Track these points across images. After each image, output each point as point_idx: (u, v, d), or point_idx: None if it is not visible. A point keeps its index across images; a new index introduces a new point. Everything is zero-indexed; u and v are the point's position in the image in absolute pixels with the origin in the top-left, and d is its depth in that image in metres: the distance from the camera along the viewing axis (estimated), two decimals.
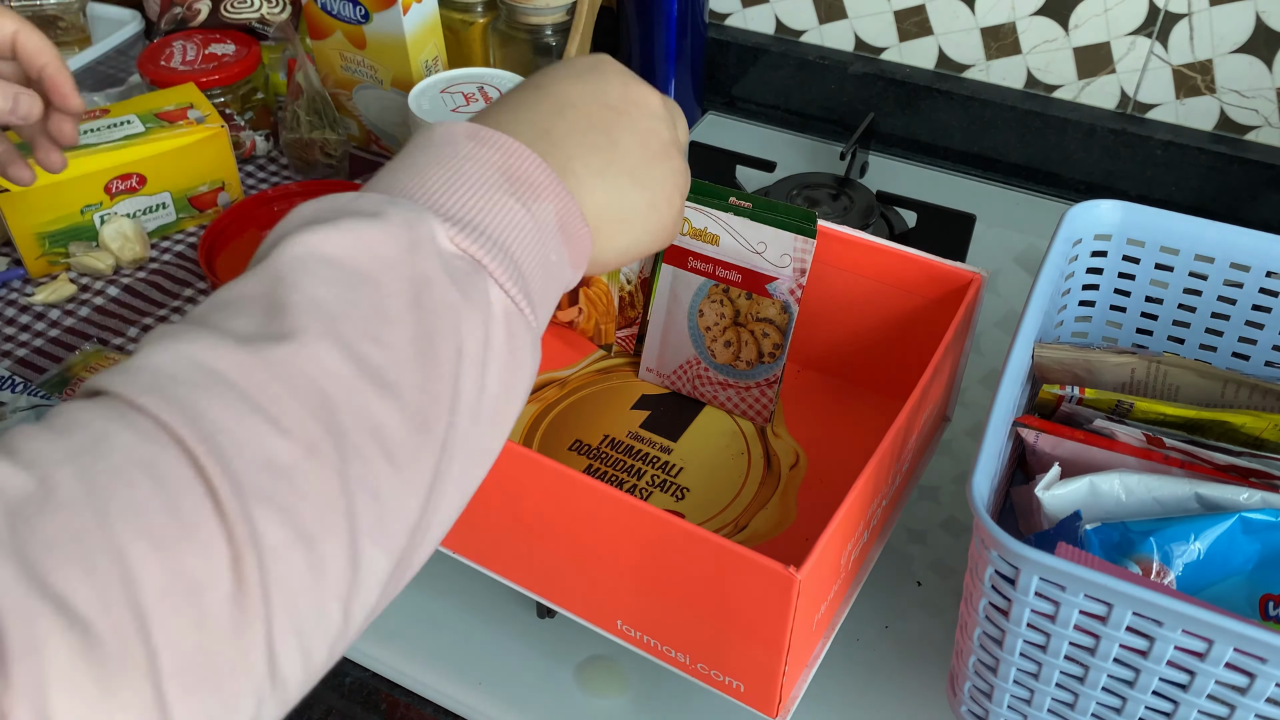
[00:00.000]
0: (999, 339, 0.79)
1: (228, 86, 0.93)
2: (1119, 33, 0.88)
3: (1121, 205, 0.60)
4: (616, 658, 0.59)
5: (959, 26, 0.94)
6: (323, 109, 0.91)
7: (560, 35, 0.94)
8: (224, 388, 0.31)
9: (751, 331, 0.67)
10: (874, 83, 0.98)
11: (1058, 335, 0.64)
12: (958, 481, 0.69)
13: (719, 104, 1.06)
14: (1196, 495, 0.49)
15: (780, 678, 0.49)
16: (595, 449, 0.67)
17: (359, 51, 0.91)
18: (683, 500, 0.64)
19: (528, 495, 0.52)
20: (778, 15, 1.01)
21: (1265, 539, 0.47)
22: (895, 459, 0.54)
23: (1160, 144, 0.90)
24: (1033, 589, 0.43)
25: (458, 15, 0.96)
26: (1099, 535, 0.48)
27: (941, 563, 0.64)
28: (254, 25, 1.03)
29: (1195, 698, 0.42)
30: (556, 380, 0.72)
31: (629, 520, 0.49)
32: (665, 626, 0.52)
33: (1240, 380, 0.56)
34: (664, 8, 0.94)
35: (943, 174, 0.97)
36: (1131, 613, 0.41)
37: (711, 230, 0.66)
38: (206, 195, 0.88)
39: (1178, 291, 0.61)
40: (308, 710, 0.57)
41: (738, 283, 0.67)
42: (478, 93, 0.79)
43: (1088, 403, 0.56)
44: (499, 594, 0.61)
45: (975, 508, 0.44)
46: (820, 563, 0.46)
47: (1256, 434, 0.53)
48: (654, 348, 0.71)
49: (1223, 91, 0.88)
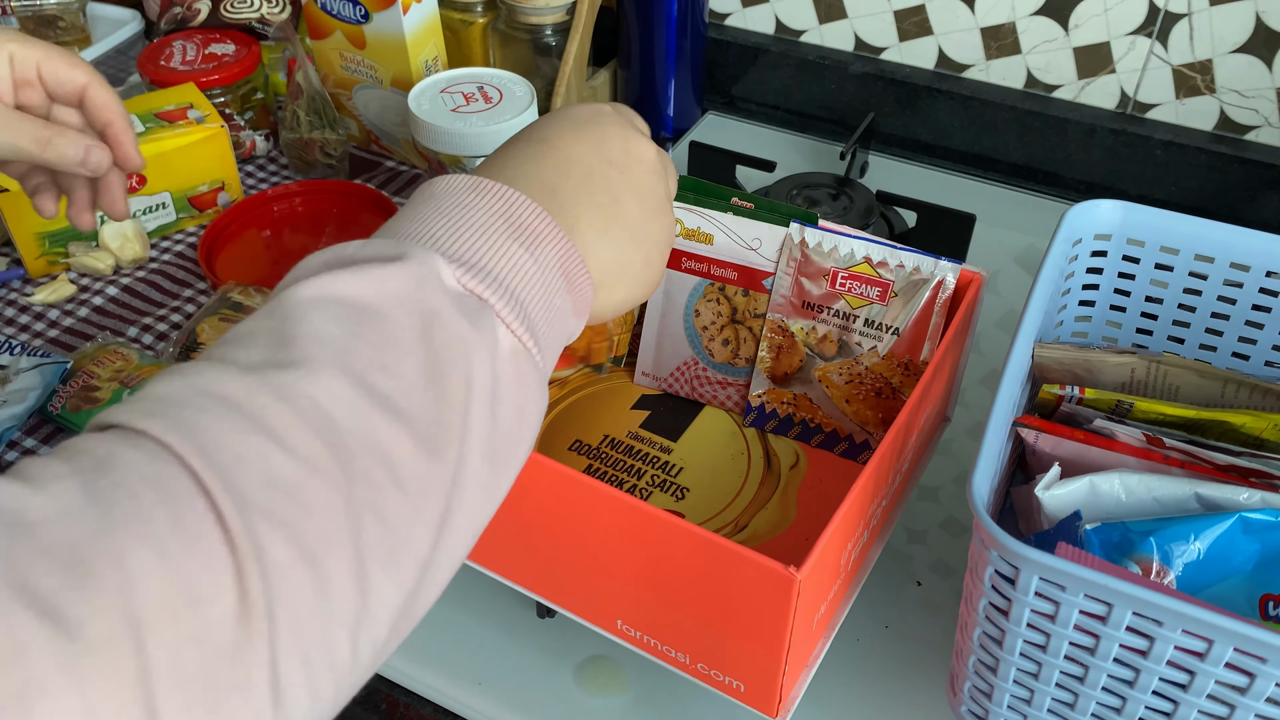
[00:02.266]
0: (999, 339, 0.79)
1: (228, 86, 0.93)
2: (1119, 32, 0.88)
3: (1121, 205, 0.60)
4: (616, 658, 0.59)
5: (959, 26, 0.94)
6: (322, 109, 0.91)
7: (560, 35, 0.94)
8: (226, 409, 0.31)
9: (750, 328, 0.67)
10: (874, 83, 0.98)
11: (1058, 335, 0.64)
12: (958, 481, 0.69)
13: (719, 104, 1.06)
14: (1196, 495, 0.49)
15: (780, 678, 0.49)
16: (595, 449, 0.67)
17: (359, 51, 0.91)
18: (683, 500, 0.64)
19: (528, 495, 0.52)
20: (778, 15, 1.01)
21: (1265, 539, 0.47)
22: (895, 459, 0.54)
23: (1160, 144, 0.90)
24: (1033, 589, 0.43)
25: (458, 15, 0.96)
26: (1099, 535, 0.48)
27: (941, 563, 0.64)
28: (254, 25, 1.03)
29: (1195, 698, 0.42)
30: (556, 380, 0.72)
31: (629, 520, 0.49)
32: (665, 626, 0.52)
33: (1240, 380, 0.56)
34: (664, 8, 0.94)
35: (943, 174, 0.97)
36: (1131, 613, 0.41)
37: (705, 230, 0.66)
38: (206, 195, 0.88)
39: (1178, 291, 0.61)
40: None
41: (734, 280, 0.67)
42: (478, 93, 0.79)
43: (1088, 403, 0.56)
44: (499, 594, 0.61)
45: (975, 508, 0.44)
46: (820, 563, 0.47)
47: (1256, 434, 0.53)
48: (649, 352, 0.71)
49: (1223, 91, 0.88)
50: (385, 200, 0.87)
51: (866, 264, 0.63)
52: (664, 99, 1.00)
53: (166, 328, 0.79)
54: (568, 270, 0.43)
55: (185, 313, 0.81)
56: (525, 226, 0.41)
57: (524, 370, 0.39)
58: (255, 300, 0.73)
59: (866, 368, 0.64)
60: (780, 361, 0.67)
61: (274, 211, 0.88)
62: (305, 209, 0.89)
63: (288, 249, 0.85)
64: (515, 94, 0.79)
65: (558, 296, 0.42)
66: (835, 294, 0.64)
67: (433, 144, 0.76)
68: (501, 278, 0.39)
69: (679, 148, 1.00)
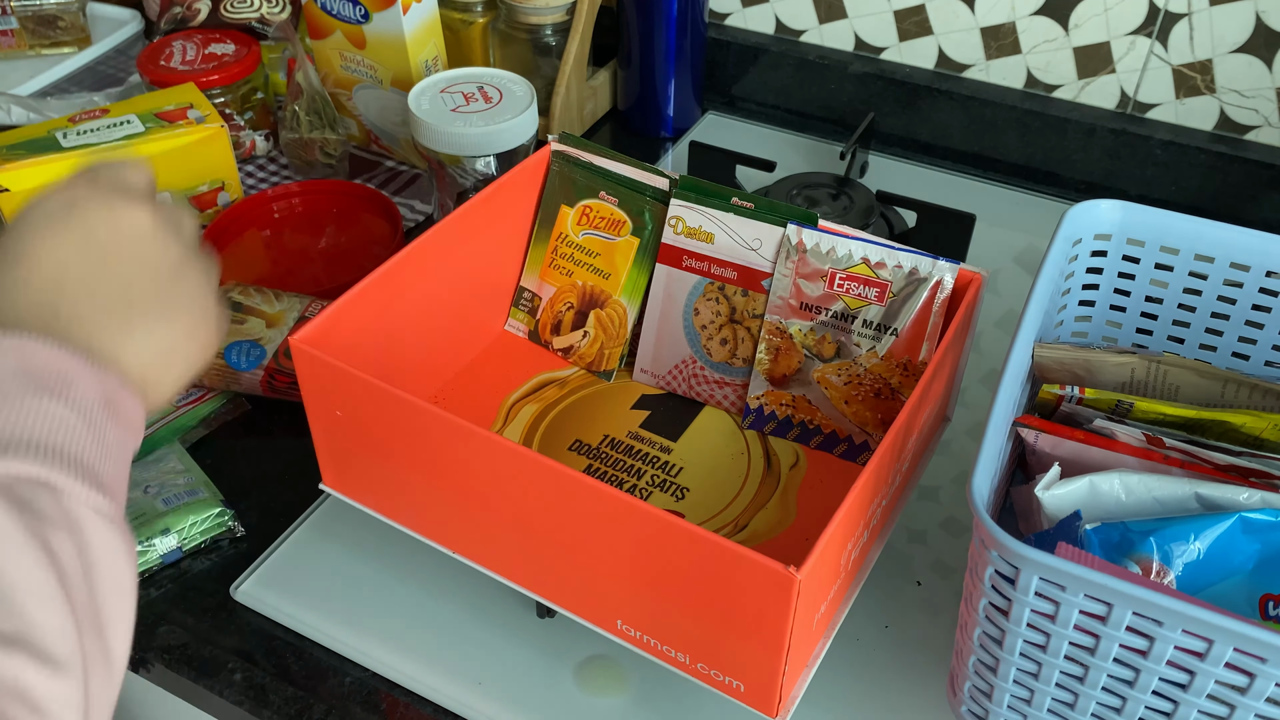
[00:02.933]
0: (999, 339, 0.79)
1: (227, 86, 0.93)
2: (1119, 32, 0.88)
3: (1121, 205, 0.60)
4: (616, 658, 0.59)
5: (959, 26, 0.94)
6: (322, 109, 0.91)
7: (560, 35, 0.94)
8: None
9: (748, 329, 0.67)
10: (874, 82, 0.98)
11: (1058, 335, 0.64)
12: (958, 481, 0.68)
13: (719, 104, 1.06)
14: (1196, 495, 0.49)
15: (780, 677, 0.49)
16: (595, 449, 0.67)
17: (359, 51, 0.91)
18: (683, 500, 0.64)
19: (528, 495, 0.52)
20: (778, 15, 1.01)
21: (1265, 539, 0.47)
22: (895, 459, 0.54)
23: (1160, 144, 0.90)
24: (1033, 589, 0.43)
25: (458, 15, 0.96)
26: (1099, 535, 0.48)
27: (941, 563, 0.64)
28: (254, 25, 1.03)
29: (1195, 698, 0.42)
30: (556, 380, 0.72)
31: (629, 520, 0.49)
32: (665, 626, 0.52)
33: (1240, 380, 0.56)
34: (664, 8, 0.94)
35: (943, 174, 0.97)
36: (1131, 613, 0.41)
37: (706, 228, 0.66)
38: (206, 195, 0.88)
39: (1178, 291, 0.61)
40: (308, 710, 0.57)
41: (733, 280, 0.67)
42: (477, 93, 0.79)
43: (1088, 403, 0.56)
44: (499, 594, 0.61)
45: (975, 508, 0.44)
46: (820, 563, 0.46)
47: (1256, 434, 0.53)
48: (648, 349, 0.71)
49: (1223, 91, 0.88)
50: (385, 200, 0.87)
51: (864, 265, 0.63)
52: (664, 99, 1.00)
53: None
54: (109, 399, 0.40)
55: None
56: (49, 373, 0.39)
57: (102, 529, 0.38)
58: (255, 300, 0.73)
59: (865, 369, 0.64)
60: (779, 363, 0.67)
61: (274, 211, 0.88)
62: (305, 209, 0.89)
63: (288, 249, 0.85)
64: (515, 94, 0.79)
65: (109, 432, 0.40)
66: (833, 295, 0.64)
67: (433, 144, 0.76)
68: (47, 444, 0.37)
69: (679, 148, 1.00)
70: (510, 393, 0.70)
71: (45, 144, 0.81)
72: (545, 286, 0.73)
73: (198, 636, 0.60)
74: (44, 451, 0.37)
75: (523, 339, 0.74)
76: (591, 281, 0.71)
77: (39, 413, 0.37)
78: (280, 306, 0.73)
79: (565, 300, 0.72)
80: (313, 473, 0.62)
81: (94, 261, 0.43)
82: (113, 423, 0.40)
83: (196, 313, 0.46)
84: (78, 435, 0.38)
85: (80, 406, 0.39)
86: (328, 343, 0.57)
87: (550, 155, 0.73)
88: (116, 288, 0.43)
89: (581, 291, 0.71)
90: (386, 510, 0.60)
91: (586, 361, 0.72)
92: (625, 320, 0.70)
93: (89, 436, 0.39)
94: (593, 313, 0.71)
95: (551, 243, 0.73)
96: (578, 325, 0.72)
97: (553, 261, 0.73)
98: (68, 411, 0.38)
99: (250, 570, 0.63)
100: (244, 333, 0.71)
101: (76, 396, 0.39)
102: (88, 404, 0.39)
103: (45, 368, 0.39)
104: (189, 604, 0.62)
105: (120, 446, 0.40)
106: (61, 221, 0.43)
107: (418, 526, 0.59)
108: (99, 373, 0.40)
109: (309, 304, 0.73)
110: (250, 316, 0.72)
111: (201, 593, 0.62)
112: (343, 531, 0.65)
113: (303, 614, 0.61)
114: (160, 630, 0.60)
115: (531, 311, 0.74)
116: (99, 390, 0.40)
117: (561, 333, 0.72)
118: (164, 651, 0.59)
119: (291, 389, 0.71)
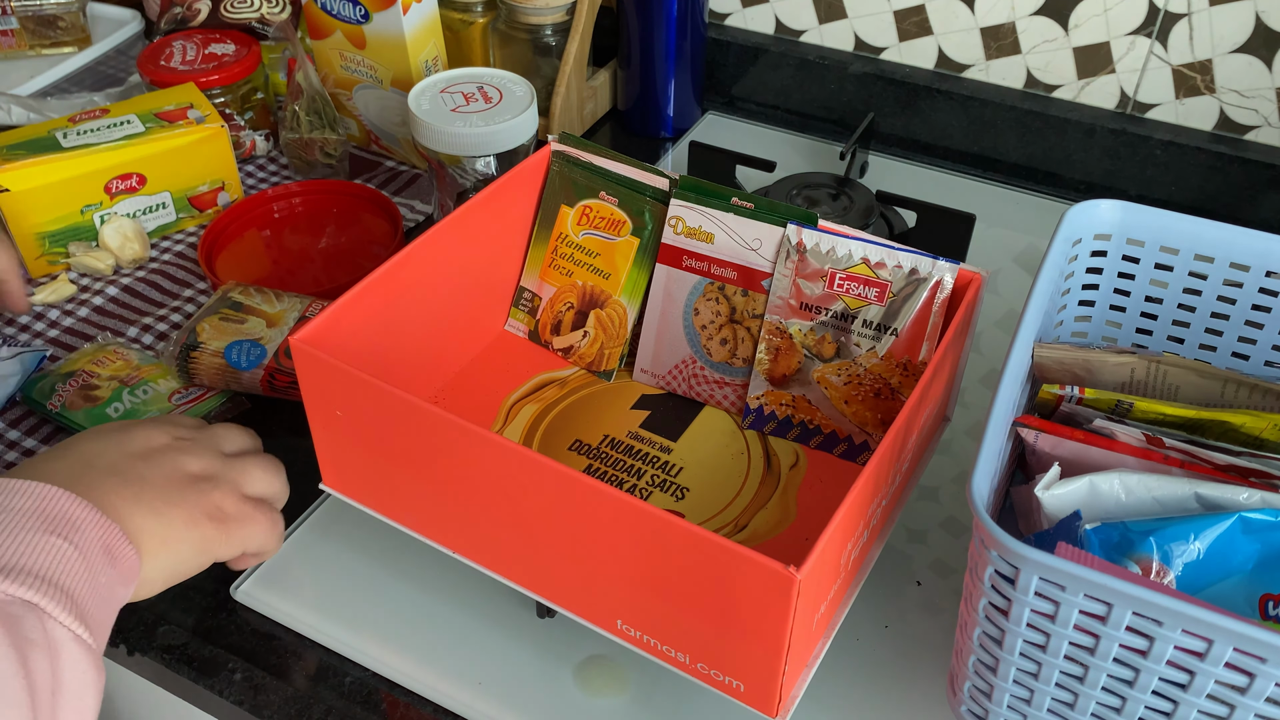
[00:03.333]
0: (999, 339, 0.79)
1: (228, 86, 0.93)
2: (1119, 32, 0.88)
3: (1121, 205, 0.60)
4: (616, 658, 0.59)
5: (959, 26, 0.94)
6: (322, 109, 0.91)
7: (560, 35, 0.94)
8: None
9: (748, 329, 0.67)
10: (874, 83, 0.98)
11: (1058, 335, 0.64)
12: (958, 481, 0.69)
13: (719, 104, 1.06)
14: (1196, 495, 0.49)
15: (780, 677, 0.49)
16: (595, 449, 0.67)
17: (359, 51, 0.91)
18: (683, 500, 0.64)
19: (528, 495, 0.52)
20: (778, 15, 1.01)
21: (1265, 539, 0.47)
22: (895, 459, 0.54)
23: (1160, 144, 0.90)
24: (1033, 589, 0.43)
25: (458, 15, 0.96)
26: (1099, 535, 0.48)
27: (941, 563, 0.64)
28: (254, 25, 1.03)
29: (1195, 698, 0.42)
30: (556, 380, 0.72)
31: (629, 520, 0.49)
32: (665, 626, 0.52)
33: (1240, 380, 0.56)
34: (664, 8, 0.94)
35: (943, 174, 0.97)
36: (1131, 612, 0.41)
37: (706, 228, 0.66)
38: (206, 195, 0.88)
39: (1177, 291, 0.61)
40: (308, 710, 0.57)
41: (733, 280, 0.67)
42: (477, 93, 0.79)
43: (1087, 402, 0.56)
44: (499, 594, 0.61)
45: (975, 508, 0.44)
46: (820, 563, 0.46)
47: (1256, 434, 0.53)
48: (648, 349, 0.71)
49: (1222, 91, 0.88)
50: (385, 200, 0.87)
51: (864, 265, 0.63)
52: (664, 99, 1.00)
53: (166, 328, 0.79)
54: (110, 547, 0.46)
55: (185, 313, 0.81)
56: (61, 517, 0.45)
57: (77, 656, 0.42)
58: (255, 300, 0.73)
59: (865, 369, 0.64)
60: (778, 364, 0.67)
61: (274, 211, 0.88)
62: (305, 209, 0.89)
63: (288, 249, 0.85)
64: (515, 94, 0.79)
65: (103, 574, 0.45)
66: (833, 295, 0.64)
67: (433, 144, 0.76)
68: (44, 573, 0.42)
69: (679, 148, 1.00)
70: (510, 393, 0.70)
71: (45, 144, 0.81)
72: (545, 286, 0.73)
73: (197, 636, 0.60)
74: (39, 579, 0.42)
75: (523, 339, 0.74)
76: (591, 281, 0.71)
77: (43, 546, 0.43)
78: (280, 306, 0.73)
79: (565, 300, 0.72)
80: (313, 473, 0.62)
81: (121, 458, 0.52)
82: (110, 567, 0.46)
83: (199, 510, 0.53)
84: (74, 570, 0.43)
85: (82, 546, 0.45)
86: (328, 342, 0.57)
87: (550, 155, 0.73)
88: (133, 474, 0.51)
89: (581, 291, 0.71)
90: (386, 510, 0.60)
91: (586, 361, 0.72)
92: (625, 320, 0.70)
93: (84, 573, 0.44)
94: (593, 313, 0.71)
95: (551, 243, 0.73)
96: (578, 325, 0.72)
97: (553, 261, 0.73)
98: (69, 548, 0.44)
99: (250, 570, 0.63)
100: (244, 332, 0.71)
101: (80, 538, 0.45)
102: (89, 545, 0.45)
103: (58, 511, 0.45)
104: (189, 604, 0.62)
105: (111, 589, 0.46)
106: (109, 432, 0.54)
107: (418, 526, 0.59)
108: (105, 523, 0.46)
109: (309, 304, 0.73)
110: (250, 316, 0.72)
111: (201, 592, 0.62)
112: (342, 531, 0.65)
113: (303, 614, 0.61)
114: (160, 630, 0.60)
115: (531, 311, 0.74)
116: (102, 537, 0.46)
117: (561, 333, 0.72)
118: (164, 651, 0.59)
119: (291, 388, 0.71)
